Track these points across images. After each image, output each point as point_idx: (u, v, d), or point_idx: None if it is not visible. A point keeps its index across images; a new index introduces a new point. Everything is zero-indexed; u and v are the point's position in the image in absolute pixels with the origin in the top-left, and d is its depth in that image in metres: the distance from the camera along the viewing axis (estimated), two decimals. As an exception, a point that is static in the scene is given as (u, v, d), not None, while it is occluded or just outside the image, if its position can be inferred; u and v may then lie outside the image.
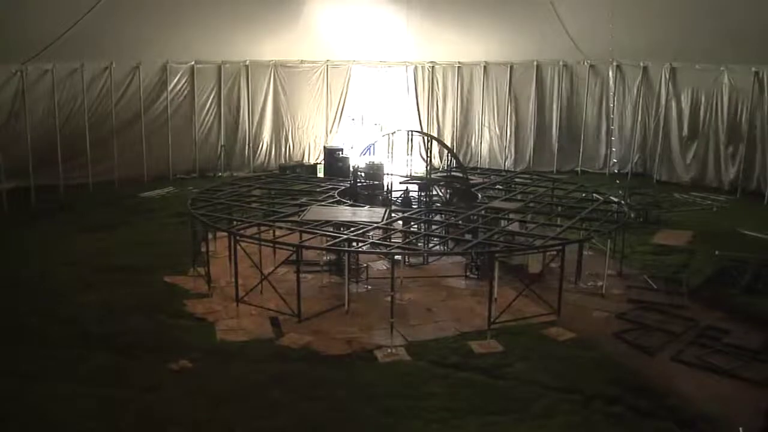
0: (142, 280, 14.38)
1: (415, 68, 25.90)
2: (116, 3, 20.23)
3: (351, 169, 18.17)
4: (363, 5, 24.09)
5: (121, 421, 9.25)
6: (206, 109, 24.17)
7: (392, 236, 14.13)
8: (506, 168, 25.05)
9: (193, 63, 23.47)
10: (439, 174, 18.75)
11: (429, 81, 26.08)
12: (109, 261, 15.47)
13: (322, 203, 15.17)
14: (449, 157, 19.24)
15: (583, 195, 16.96)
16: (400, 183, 17.22)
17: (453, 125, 26.20)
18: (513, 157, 26.29)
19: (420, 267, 15.50)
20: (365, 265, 14.68)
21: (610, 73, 24.99)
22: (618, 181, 22.16)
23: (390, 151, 17.22)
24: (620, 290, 14.15)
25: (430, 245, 14.84)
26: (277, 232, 14.77)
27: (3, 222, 18.60)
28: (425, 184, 16.69)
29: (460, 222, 14.39)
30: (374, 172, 16.90)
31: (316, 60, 25.10)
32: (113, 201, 20.80)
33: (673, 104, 23.91)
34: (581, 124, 25.83)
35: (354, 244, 12.90)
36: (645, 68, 24.42)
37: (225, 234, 14.31)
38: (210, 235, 14.97)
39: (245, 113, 24.69)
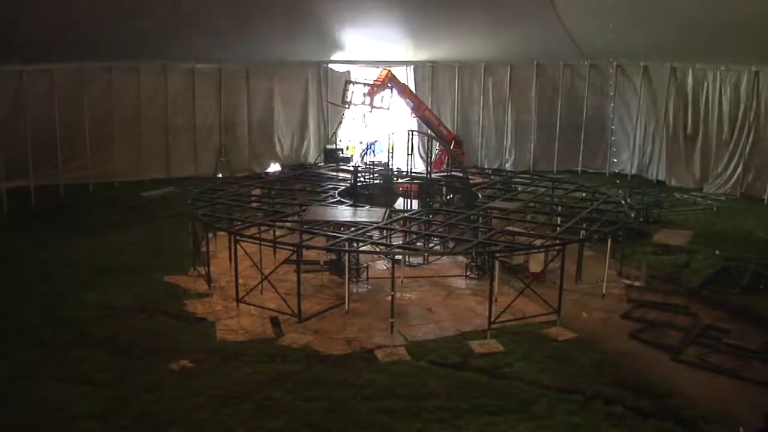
0: (142, 280, 14.38)
1: (416, 68, 25.89)
2: (116, 3, 20.22)
3: (351, 168, 18.16)
4: (363, 5, 24.05)
5: (121, 421, 9.25)
6: (206, 109, 24.15)
7: (392, 236, 14.11)
8: (506, 168, 25.02)
9: (193, 63, 23.45)
10: (439, 174, 18.74)
11: (430, 81, 26.07)
12: (109, 261, 15.47)
13: (323, 203, 15.16)
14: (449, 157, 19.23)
15: (584, 195, 16.94)
16: (400, 183, 17.19)
17: (453, 125, 26.15)
18: (513, 157, 26.27)
19: (420, 267, 15.50)
20: (366, 265, 14.68)
21: (611, 73, 24.97)
22: (618, 181, 22.15)
23: (390, 150, 17.21)
24: (620, 290, 14.16)
25: (431, 245, 14.82)
26: (278, 232, 14.76)
27: (3, 222, 18.58)
28: (425, 183, 16.67)
29: (460, 222, 14.37)
30: (375, 171, 16.90)
31: (316, 60, 25.06)
32: (113, 201, 20.80)
33: (674, 104, 23.90)
34: (581, 124, 25.80)
35: (354, 244, 12.89)
36: (645, 68, 24.40)
37: (225, 233, 14.30)
38: (210, 235, 14.95)
39: (245, 113, 24.66)
